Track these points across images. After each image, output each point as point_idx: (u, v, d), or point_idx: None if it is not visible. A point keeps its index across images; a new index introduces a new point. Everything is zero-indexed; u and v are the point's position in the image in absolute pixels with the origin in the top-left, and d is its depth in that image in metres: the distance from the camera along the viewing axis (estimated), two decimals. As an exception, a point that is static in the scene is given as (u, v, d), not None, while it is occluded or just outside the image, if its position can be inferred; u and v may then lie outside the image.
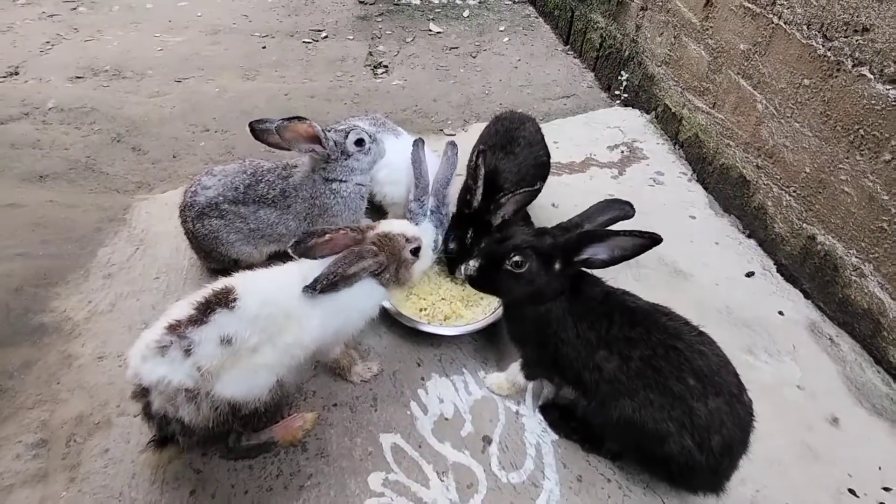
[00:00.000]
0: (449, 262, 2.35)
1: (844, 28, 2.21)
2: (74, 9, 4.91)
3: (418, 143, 2.38)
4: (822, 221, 2.42)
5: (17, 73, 3.98)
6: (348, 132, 2.21)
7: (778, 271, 2.65)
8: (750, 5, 2.70)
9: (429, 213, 2.31)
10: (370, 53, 4.57)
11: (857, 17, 2.15)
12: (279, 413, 1.90)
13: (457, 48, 4.75)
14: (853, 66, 2.19)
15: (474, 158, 2.14)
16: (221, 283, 1.65)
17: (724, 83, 2.95)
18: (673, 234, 2.81)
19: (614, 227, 1.73)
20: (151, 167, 3.18)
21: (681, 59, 3.29)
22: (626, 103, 3.86)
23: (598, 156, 3.39)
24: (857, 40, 2.17)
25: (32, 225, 2.65)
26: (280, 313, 1.64)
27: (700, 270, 2.65)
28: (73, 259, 2.42)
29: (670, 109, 3.41)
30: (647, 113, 3.65)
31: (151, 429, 1.64)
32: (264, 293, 1.65)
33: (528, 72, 4.40)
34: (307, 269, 1.69)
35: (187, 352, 1.50)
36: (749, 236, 2.83)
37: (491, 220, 2.19)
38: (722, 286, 2.59)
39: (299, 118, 2.06)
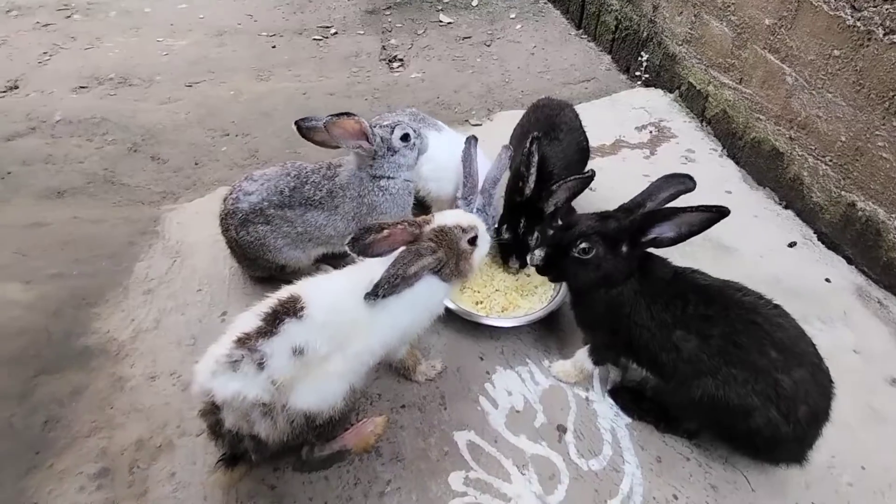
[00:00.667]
0: (502, 251, 2.32)
1: (876, -3, 2.21)
2: (69, 17, 4.77)
3: (471, 141, 2.34)
4: (861, 188, 2.42)
5: (17, 87, 3.86)
6: (394, 127, 2.16)
7: (819, 240, 2.67)
8: (777, -23, 2.68)
9: (475, 211, 2.27)
10: (383, 47, 4.50)
11: (893, -18, 2.14)
12: (348, 419, 1.87)
13: (470, 38, 4.68)
14: (884, 35, 2.19)
15: (528, 145, 2.11)
16: (286, 291, 1.60)
17: (750, 58, 2.93)
18: (712, 210, 2.83)
19: (676, 204, 1.72)
20: (174, 176, 3.10)
21: (703, 36, 3.27)
22: (647, 84, 3.84)
23: (627, 137, 3.37)
24: (886, 9, 2.17)
25: (60, 244, 2.57)
26: (347, 320, 1.60)
27: (743, 244, 2.65)
28: (110, 276, 2.35)
29: (695, 87, 3.40)
30: (671, 92, 3.63)
31: (219, 447, 1.60)
32: (331, 300, 1.61)
33: (545, 58, 4.36)
34: (367, 271, 1.65)
35: (260, 365, 1.45)
36: (786, 207, 2.84)
37: (543, 207, 2.17)
38: (766, 258, 2.60)
39: (347, 114, 2.02)
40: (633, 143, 3.31)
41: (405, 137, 2.17)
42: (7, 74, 3.96)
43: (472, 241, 1.81)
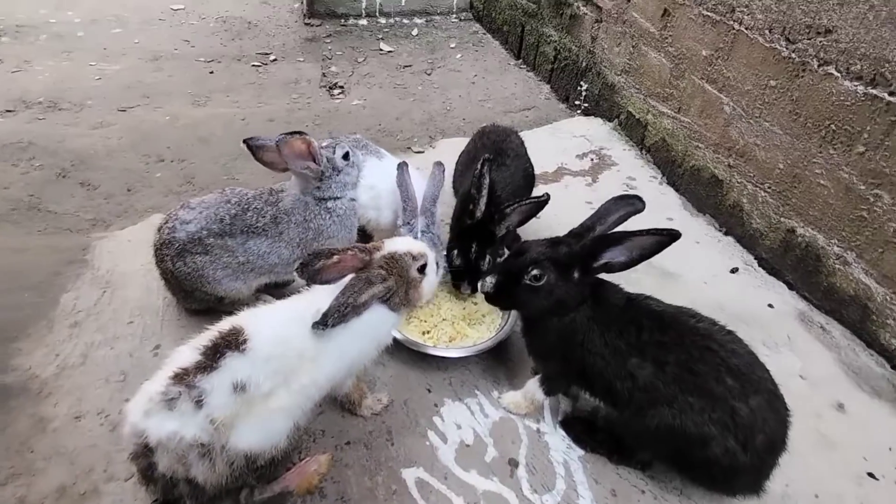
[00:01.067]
0: (453, 277, 2.26)
1: (807, 31, 2.34)
2: (-4, 39, 4.52)
3: (403, 167, 2.30)
4: (800, 214, 2.52)
5: (-67, 110, 3.59)
6: (335, 147, 2.12)
7: (760, 265, 2.74)
8: (709, 13, 2.82)
9: (419, 234, 2.23)
10: (324, 74, 4.47)
11: (819, 19, 2.28)
12: (290, 458, 1.75)
13: (410, 66, 4.73)
14: (819, 66, 2.31)
15: (479, 167, 2.08)
16: (227, 323, 1.50)
17: (688, 88, 3.05)
18: (655, 236, 2.88)
19: (626, 226, 1.73)
20: (105, 203, 2.92)
21: (641, 67, 3.39)
22: (586, 112, 3.94)
23: (569, 164, 3.43)
24: (820, 41, 2.29)
25: None
26: (293, 352, 1.51)
27: (687, 270, 2.70)
28: (33, 309, 2.15)
29: (634, 116, 3.50)
30: (610, 121, 3.73)
31: (151, 493, 1.47)
32: (275, 332, 1.51)
33: (486, 87, 4.43)
34: (313, 301, 1.57)
35: (199, 403, 1.35)
36: (727, 234, 2.92)
37: (495, 230, 2.14)
38: (710, 284, 2.65)
39: (299, 132, 1.97)
40: (575, 170, 3.37)
41: (346, 156, 2.12)
42: (-79, 96, 3.69)
43: (422, 269, 1.76)
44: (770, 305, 2.55)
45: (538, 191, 3.15)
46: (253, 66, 4.53)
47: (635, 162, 3.46)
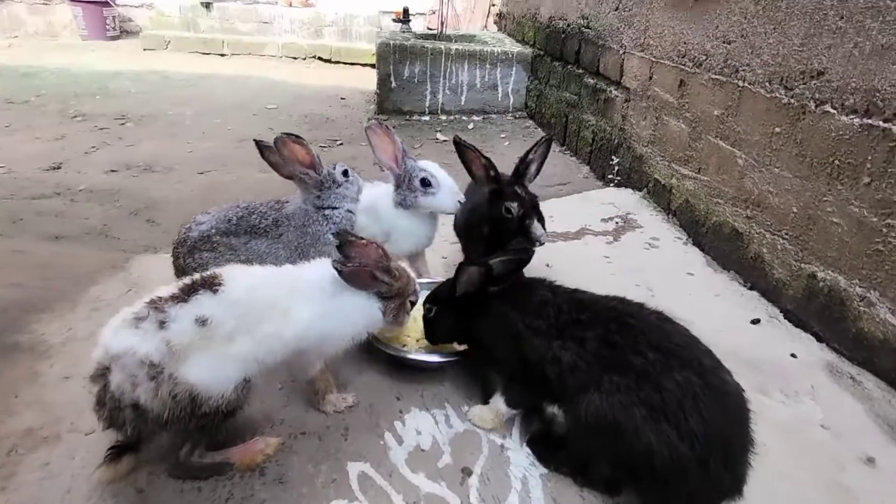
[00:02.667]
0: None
1: (802, 76, 2.36)
2: (123, 124, 5.53)
3: (370, 130, 2.43)
4: (818, 257, 2.35)
5: (59, 167, 4.38)
6: (335, 164, 2.33)
7: (786, 318, 2.52)
8: (717, 76, 2.92)
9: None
10: (380, 155, 4.94)
11: (811, 64, 2.31)
12: (239, 436, 1.77)
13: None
14: (816, 107, 2.30)
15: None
16: (211, 271, 1.64)
17: (704, 148, 3.08)
18: (671, 289, 2.77)
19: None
20: (162, 235, 3.33)
21: (664, 136, 3.48)
22: (618, 185, 4.01)
23: (592, 226, 3.44)
24: (815, 84, 2.30)
25: (37, 266, 2.75)
26: (263, 303, 1.60)
27: (701, 318, 2.47)
28: (64, 293, 2.45)
29: (660, 182, 3.53)
30: (640, 190, 3.76)
31: (100, 418, 1.51)
32: (251, 281, 1.64)
33: (527, 166, 4.66)
34: (295, 270, 1.75)
35: (162, 324, 1.45)
36: (751, 288, 2.74)
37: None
38: (726, 332, 2.44)
39: (297, 137, 2.15)
40: (598, 230, 3.37)
41: (346, 173, 2.32)
42: (55, 159, 4.53)
43: (412, 303, 1.92)
44: (793, 355, 2.31)
45: (556, 247, 3.22)
46: (320, 146, 5.13)
47: (661, 225, 3.42)
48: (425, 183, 2.36)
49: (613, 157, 4.07)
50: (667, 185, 3.46)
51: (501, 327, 1.77)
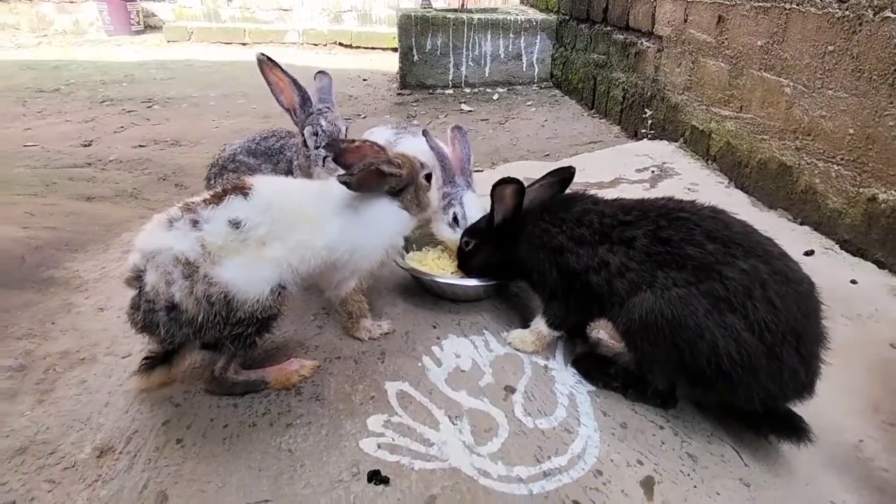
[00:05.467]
0: None
1: (857, -17, 2.21)
2: (150, 107, 5.58)
3: (427, 133, 2.35)
4: (879, 178, 2.20)
5: (89, 144, 4.43)
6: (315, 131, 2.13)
7: (842, 248, 2.37)
8: (760, 4, 2.77)
9: (465, 190, 2.20)
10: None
11: (868, -32, 2.16)
12: (273, 358, 1.72)
13: (486, 120, 5.02)
14: (875, 14, 2.15)
15: None
16: (239, 179, 1.63)
17: (747, 84, 2.93)
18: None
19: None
20: (189, 196, 3.31)
21: (701, 79, 3.33)
22: (652, 139, 3.87)
23: (627, 176, 3.32)
24: (872, -10, 2.15)
25: (70, 215, 2.78)
26: (294, 209, 1.58)
27: (750, 252, 2.40)
28: (98, 237, 2.46)
29: (698, 129, 3.38)
30: (675, 141, 3.62)
31: (134, 325, 1.48)
32: (280, 190, 1.63)
33: (555, 128, 4.55)
34: (324, 185, 1.73)
35: (195, 224, 1.44)
36: (802, 223, 2.59)
37: None
38: (777, 264, 2.31)
39: (273, 62, 2.10)
40: (634, 179, 3.25)
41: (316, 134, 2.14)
42: (86, 137, 4.58)
43: (428, 178, 1.86)
44: (853, 282, 2.16)
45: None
46: (345, 118, 5.09)
47: (700, 171, 3.28)
48: (455, 219, 2.14)
49: (646, 110, 3.93)
50: (705, 131, 3.31)
51: (542, 244, 1.69)
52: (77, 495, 1.29)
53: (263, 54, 2.12)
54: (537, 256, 1.71)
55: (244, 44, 9.08)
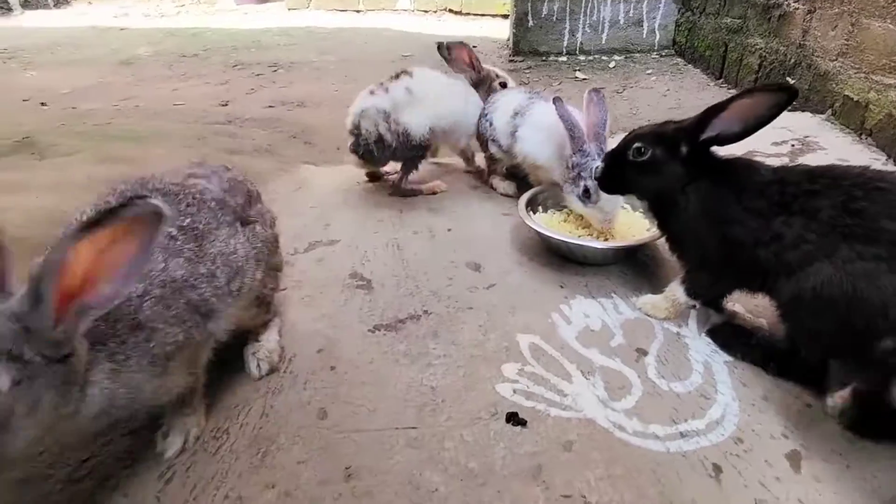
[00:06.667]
0: None
1: None
2: (275, 71, 5.95)
3: (558, 101, 2.32)
4: None
5: (227, 104, 4.82)
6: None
7: None
8: (949, -45, 2.44)
9: (599, 156, 2.17)
10: (518, 89, 4.84)
11: None
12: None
13: (603, 88, 4.84)
14: None
15: None
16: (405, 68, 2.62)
17: (922, 48, 2.61)
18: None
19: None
20: (318, 154, 3.54)
21: (862, 43, 3.00)
22: (793, 110, 3.56)
23: (761, 149, 3.09)
24: None
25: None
26: (435, 88, 2.58)
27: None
28: (248, 186, 2.70)
29: (852, 99, 3.07)
30: (822, 112, 3.31)
31: (356, 159, 2.61)
32: (430, 76, 2.63)
33: (678, 98, 4.31)
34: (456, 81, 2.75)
35: (386, 90, 2.49)
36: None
37: None
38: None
39: (462, 44, 2.75)
40: (769, 153, 3.02)
41: (504, 84, 2.98)
42: (223, 98, 4.99)
43: (503, 84, 2.90)
44: None
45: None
46: (458, 83, 5.16)
47: (851, 146, 2.98)
48: (586, 192, 2.09)
49: (788, 79, 3.61)
50: (861, 101, 3.00)
51: (712, 210, 1.56)
52: (254, 402, 1.48)
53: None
54: (699, 220, 1.59)
55: (358, 11, 9.34)
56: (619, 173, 1.75)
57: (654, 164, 1.64)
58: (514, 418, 1.43)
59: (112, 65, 6.33)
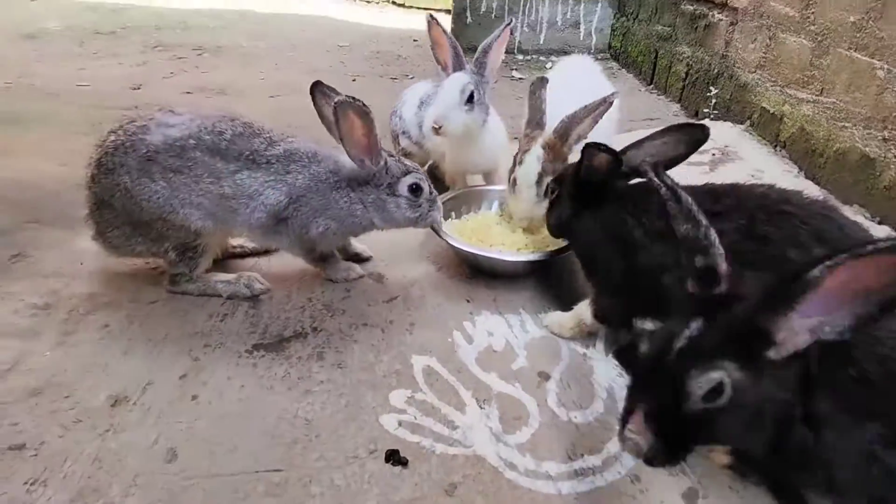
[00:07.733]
0: None
1: None
2: (200, 55, 5.54)
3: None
4: (982, 179, 1.94)
5: (139, 88, 4.44)
6: (409, 173, 1.78)
7: (927, 254, 2.12)
8: (860, -26, 2.47)
9: None
10: (452, 87, 4.71)
11: None
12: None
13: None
14: None
15: None
16: None
17: (832, 65, 2.64)
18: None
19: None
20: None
21: (778, 57, 3.04)
22: (715, 119, 3.59)
23: (685, 158, 3.09)
24: None
25: None
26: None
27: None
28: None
29: (768, 111, 3.10)
30: (741, 123, 3.35)
31: None
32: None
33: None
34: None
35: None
36: (881, 222, 2.34)
37: None
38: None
39: (364, 106, 1.72)
40: (691, 161, 2.97)
41: (415, 189, 1.79)
42: (136, 81, 4.59)
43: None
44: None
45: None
46: (391, 79, 4.96)
47: (767, 158, 3.01)
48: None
49: (711, 88, 3.64)
50: (776, 114, 3.03)
51: (613, 233, 1.50)
52: (87, 444, 1.26)
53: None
54: (605, 245, 1.53)
55: (296, -3, 8.96)
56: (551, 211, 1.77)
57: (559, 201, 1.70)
58: (393, 457, 1.28)
59: (12, 37, 5.73)
